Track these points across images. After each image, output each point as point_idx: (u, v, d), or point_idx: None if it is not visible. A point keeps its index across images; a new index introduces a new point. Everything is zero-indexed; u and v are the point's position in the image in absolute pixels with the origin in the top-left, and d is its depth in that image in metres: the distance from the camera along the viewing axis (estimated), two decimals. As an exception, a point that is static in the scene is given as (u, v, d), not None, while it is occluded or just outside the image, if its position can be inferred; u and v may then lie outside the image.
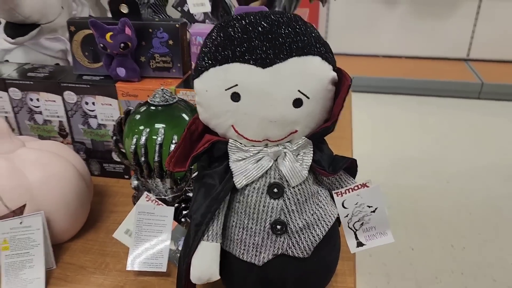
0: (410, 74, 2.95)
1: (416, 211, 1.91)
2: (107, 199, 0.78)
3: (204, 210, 0.49)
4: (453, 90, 2.87)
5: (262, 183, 0.50)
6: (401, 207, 1.92)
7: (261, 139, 0.48)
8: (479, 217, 1.86)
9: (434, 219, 1.86)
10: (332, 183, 0.54)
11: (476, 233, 1.78)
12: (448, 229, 1.80)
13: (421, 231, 1.80)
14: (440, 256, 1.67)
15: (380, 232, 0.55)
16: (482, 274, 1.59)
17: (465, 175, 2.13)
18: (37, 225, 0.61)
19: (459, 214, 1.89)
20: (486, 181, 2.10)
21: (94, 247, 0.67)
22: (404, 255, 1.68)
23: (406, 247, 1.72)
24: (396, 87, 2.90)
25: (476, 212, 1.90)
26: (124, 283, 0.61)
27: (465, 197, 1.99)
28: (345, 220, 0.54)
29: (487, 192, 2.02)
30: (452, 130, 2.55)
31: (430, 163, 2.23)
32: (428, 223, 1.84)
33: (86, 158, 0.82)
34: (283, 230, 0.50)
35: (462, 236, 1.76)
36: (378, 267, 1.63)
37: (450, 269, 1.61)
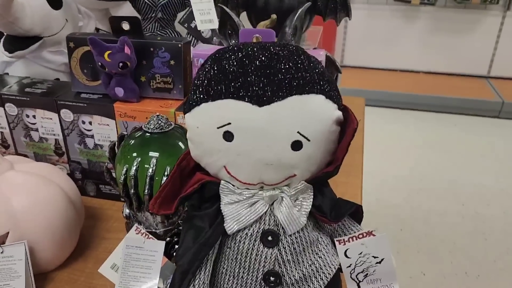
0: (428, 90, 2.88)
1: (429, 235, 1.84)
2: (100, 224, 0.74)
3: (191, 256, 0.45)
4: (472, 108, 2.78)
5: (255, 229, 0.45)
6: (413, 230, 1.86)
7: (255, 182, 0.44)
8: (496, 244, 1.79)
9: (447, 243, 1.79)
10: (334, 229, 0.49)
11: (491, 260, 1.71)
12: (462, 255, 1.73)
13: (434, 255, 1.73)
14: (453, 283, 1.60)
15: (386, 285, 0.50)
16: (497, 306, 1.52)
17: (481, 198, 2.06)
18: (20, 255, 0.58)
19: (474, 240, 1.81)
20: (504, 205, 2.02)
21: (81, 279, 0.64)
22: (415, 281, 1.62)
23: (417, 272, 1.65)
24: (414, 103, 2.83)
25: (492, 238, 1.82)
26: (108, 323, 0.57)
27: (481, 221, 1.92)
28: (348, 270, 0.50)
29: (505, 217, 1.94)
30: (470, 149, 2.47)
31: (445, 184, 2.16)
32: (442, 247, 1.77)
33: (82, 179, 0.79)
34: (277, 282, 0.46)
35: (476, 263, 1.68)
36: (387, 293, 1.56)
37: (463, 298, 1.55)
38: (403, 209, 1.99)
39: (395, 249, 1.75)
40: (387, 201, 2.04)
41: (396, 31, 3.08)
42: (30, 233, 0.59)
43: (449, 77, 3.15)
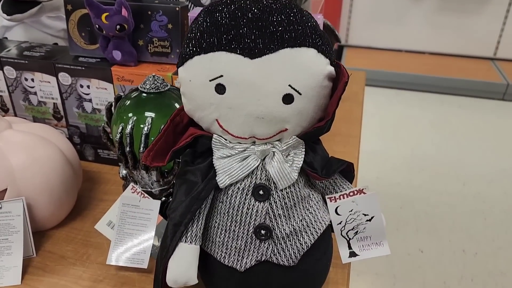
0: (433, 71, 2.85)
1: (428, 213, 1.84)
2: (98, 187, 0.75)
3: (184, 209, 0.46)
4: (477, 89, 2.76)
5: (247, 183, 0.46)
6: (413, 208, 1.86)
7: (247, 136, 0.44)
8: (495, 223, 1.79)
9: (446, 222, 1.80)
10: (326, 187, 0.50)
11: (490, 239, 1.71)
12: (460, 233, 1.74)
13: (432, 233, 1.74)
14: (450, 260, 1.61)
15: (376, 243, 0.51)
16: (493, 282, 1.53)
17: (482, 179, 2.05)
18: (18, 211, 0.59)
19: (474, 219, 1.82)
20: (505, 185, 2.02)
21: (78, 237, 0.65)
22: (413, 258, 1.63)
23: (415, 249, 1.66)
24: (418, 84, 2.81)
25: (492, 217, 1.82)
26: (104, 277, 0.58)
27: (481, 201, 1.92)
28: (338, 227, 0.50)
29: (505, 197, 1.94)
30: (473, 131, 2.46)
31: (447, 164, 2.16)
32: (440, 225, 1.78)
33: (80, 143, 0.80)
34: (267, 235, 0.46)
35: (475, 242, 1.69)
36: (386, 268, 1.58)
37: (460, 274, 1.56)
38: (403, 188, 2.00)
39: (394, 226, 1.77)
40: (388, 179, 2.04)
41: (402, 11, 3.04)
42: (28, 190, 0.60)
43: (454, 58, 3.12)
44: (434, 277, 1.55)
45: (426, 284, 1.53)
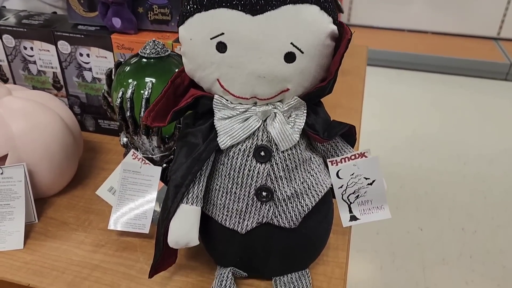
0: (435, 51, 2.82)
1: (428, 192, 1.85)
2: (99, 156, 0.75)
3: (185, 171, 0.46)
4: (480, 69, 2.74)
5: (248, 145, 0.45)
6: (414, 188, 1.87)
7: (248, 96, 0.44)
8: (494, 202, 1.80)
9: (446, 201, 1.80)
10: (327, 150, 0.49)
11: (489, 217, 1.72)
12: (460, 212, 1.74)
13: (432, 212, 1.75)
14: (449, 238, 1.63)
15: (377, 207, 0.51)
16: (492, 259, 1.54)
17: (483, 159, 2.05)
18: (19, 176, 0.59)
19: (473, 198, 1.82)
20: (505, 165, 2.02)
21: (79, 204, 0.65)
22: (412, 235, 1.64)
23: (415, 227, 1.67)
24: (420, 64, 2.79)
25: (492, 196, 1.83)
26: (106, 242, 0.58)
27: (481, 180, 1.92)
28: (339, 191, 0.50)
29: (505, 177, 1.94)
30: (475, 111, 2.45)
31: (448, 144, 2.15)
32: (440, 204, 1.79)
33: (80, 113, 0.79)
34: (268, 197, 0.46)
35: (474, 220, 1.70)
36: (385, 245, 1.59)
37: (459, 252, 1.57)
38: (404, 168, 2.00)
39: (394, 205, 1.77)
40: (389, 159, 2.04)
41: (405, -11, 3.00)
42: (29, 157, 0.60)
43: (457, 38, 3.09)
44: (433, 254, 1.56)
45: (425, 261, 1.54)
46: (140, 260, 0.56)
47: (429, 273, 1.50)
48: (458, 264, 1.52)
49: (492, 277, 1.48)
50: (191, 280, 0.53)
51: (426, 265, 1.53)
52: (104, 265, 0.55)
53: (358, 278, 1.49)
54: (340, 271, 0.55)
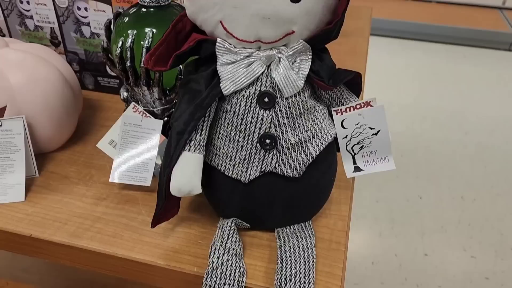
0: (438, 20, 2.78)
1: (429, 161, 1.85)
2: (99, 114, 0.74)
3: (187, 117, 0.45)
4: (483, 39, 2.70)
5: (252, 91, 0.44)
6: (414, 156, 1.87)
7: (252, 39, 0.42)
8: (494, 171, 1.80)
9: (447, 169, 1.81)
10: (332, 99, 0.48)
11: (489, 186, 1.73)
12: (460, 181, 1.75)
13: (432, 180, 1.75)
14: (448, 206, 1.64)
15: (381, 158, 0.50)
16: (490, 226, 1.56)
17: (485, 128, 2.05)
18: (18, 129, 0.58)
19: (474, 167, 1.82)
20: (507, 135, 2.01)
21: (80, 159, 0.64)
22: (411, 203, 1.65)
23: (414, 195, 1.68)
24: (423, 33, 2.75)
25: (492, 165, 1.83)
26: (107, 195, 0.58)
27: (482, 150, 1.92)
28: (344, 142, 0.50)
29: (506, 147, 1.94)
30: (477, 81, 2.43)
31: (449, 113, 2.14)
32: (440, 173, 1.79)
33: (79, 71, 0.78)
34: (272, 145, 0.46)
35: (474, 189, 1.71)
36: (384, 212, 1.60)
37: (457, 219, 1.58)
38: (405, 137, 1.99)
39: (394, 174, 1.78)
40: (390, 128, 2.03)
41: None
42: (28, 109, 0.59)
43: (461, 7, 3.03)
44: (432, 221, 1.58)
45: (423, 228, 1.56)
46: (142, 212, 0.56)
47: (428, 239, 1.52)
48: (457, 231, 1.54)
49: (489, 243, 1.49)
50: (194, 232, 0.53)
51: (425, 232, 1.54)
52: (106, 217, 0.55)
53: (357, 244, 1.51)
54: (342, 223, 0.55)
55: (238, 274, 0.46)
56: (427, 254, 1.47)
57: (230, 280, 0.46)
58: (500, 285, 1.37)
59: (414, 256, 1.46)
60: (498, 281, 1.38)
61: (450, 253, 1.47)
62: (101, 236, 0.52)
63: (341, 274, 0.48)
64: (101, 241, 0.52)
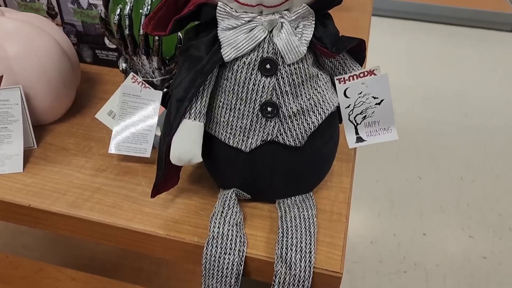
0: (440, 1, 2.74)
1: (429, 142, 1.85)
2: (97, 87, 0.73)
3: (187, 84, 0.44)
4: (485, 20, 2.67)
5: (253, 57, 0.43)
6: (414, 138, 1.87)
7: (254, 3, 0.41)
8: (494, 152, 1.80)
9: (446, 151, 1.81)
10: (335, 67, 0.48)
11: (488, 167, 1.73)
12: (459, 162, 1.75)
13: (432, 161, 1.75)
14: (447, 187, 1.64)
15: (384, 128, 0.50)
16: (489, 207, 1.56)
17: (485, 110, 2.04)
18: (15, 99, 0.57)
19: (473, 148, 1.82)
20: (507, 116, 2.01)
21: (79, 131, 0.64)
22: (411, 184, 1.65)
23: (414, 176, 1.68)
24: (425, 14, 2.71)
25: (491, 147, 1.83)
26: (106, 167, 0.58)
27: (482, 131, 1.92)
28: (346, 111, 0.49)
29: (506, 128, 1.94)
30: (479, 63, 2.41)
31: (450, 95, 2.13)
32: (440, 154, 1.79)
33: (77, 43, 0.77)
34: (274, 113, 0.45)
35: (473, 170, 1.71)
36: (384, 193, 1.61)
37: (456, 200, 1.59)
38: (405, 118, 1.99)
39: (394, 154, 1.78)
40: (390, 109, 2.02)
41: None
42: (25, 79, 0.58)
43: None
44: (431, 202, 1.58)
45: (422, 208, 1.56)
46: (142, 183, 0.55)
47: (426, 219, 1.52)
48: (455, 212, 1.54)
49: (488, 224, 1.50)
50: (194, 203, 0.53)
51: (424, 212, 1.55)
52: (105, 188, 0.55)
53: (356, 223, 1.51)
54: (344, 195, 0.54)
55: (239, 244, 0.46)
56: (426, 233, 1.47)
57: (231, 250, 0.46)
58: (498, 264, 1.38)
59: (413, 236, 1.47)
60: (495, 261, 1.39)
61: (449, 233, 1.48)
62: (100, 206, 0.52)
63: (342, 244, 0.48)
64: (101, 212, 0.51)
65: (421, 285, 1.32)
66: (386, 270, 1.36)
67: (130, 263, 1.21)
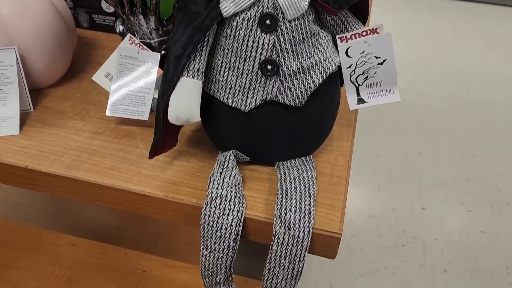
0: (445, -25, 2.69)
1: (429, 118, 1.84)
2: (95, 52, 0.72)
3: (186, 40, 0.43)
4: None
5: (253, 12, 0.42)
6: (415, 113, 1.85)
7: (254, -46, 0.40)
8: (495, 128, 1.79)
9: (447, 126, 1.80)
10: (337, 25, 0.46)
11: (488, 143, 1.72)
12: (460, 137, 1.74)
13: (432, 137, 1.74)
14: (447, 162, 1.64)
15: (386, 90, 0.49)
16: (488, 182, 1.56)
17: (487, 85, 2.02)
18: (10, 61, 0.56)
19: (474, 124, 1.81)
20: (509, 93, 1.99)
21: (76, 95, 0.63)
22: (410, 159, 1.65)
23: (414, 151, 1.68)
24: (428, -11, 2.66)
25: (492, 122, 1.82)
26: (104, 130, 0.57)
27: (483, 107, 1.90)
28: (348, 71, 0.48)
29: (508, 103, 1.92)
30: (483, 38, 2.38)
31: (452, 70, 2.11)
32: (440, 130, 1.78)
33: (73, 7, 0.75)
34: (274, 71, 0.44)
35: (473, 145, 1.71)
36: (383, 168, 1.61)
37: (456, 175, 1.59)
38: (406, 93, 1.97)
39: (394, 130, 1.77)
40: (391, 84, 2.01)
41: None
42: (19, 40, 0.56)
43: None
44: (430, 177, 1.58)
45: (421, 183, 1.56)
46: (140, 146, 0.55)
47: (425, 194, 1.52)
48: (454, 187, 1.54)
49: (486, 198, 1.50)
50: (192, 165, 0.52)
51: (423, 186, 1.55)
52: (103, 150, 0.54)
53: (355, 198, 1.52)
54: (344, 159, 0.54)
55: (238, 205, 0.46)
56: (424, 208, 1.48)
57: (230, 210, 0.45)
58: (495, 238, 1.39)
59: (412, 210, 1.47)
60: (493, 235, 1.40)
61: (447, 207, 1.48)
62: (98, 168, 0.51)
63: (342, 206, 0.48)
64: (99, 173, 0.51)
65: (419, 258, 1.33)
66: (384, 244, 1.37)
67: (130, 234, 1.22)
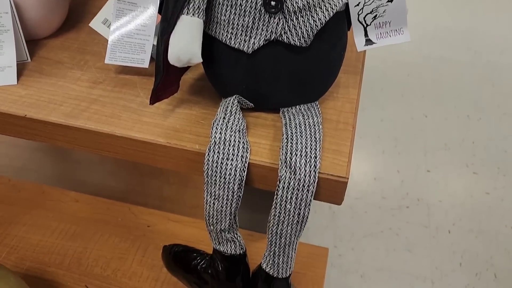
0: None
1: (436, 80, 1.81)
2: (92, 2, 0.69)
3: (184, -25, 0.41)
4: (500, -45, 2.53)
5: None
6: (421, 76, 1.82)
7: None
8: (502, 91, 1.76)
9: (454, 89, 1.77)
10: (344, -41, 0.44)
11: (495, 105, 1.70)
12: (467, 100, 1.72)
13: (438, 99, 1.72)
14: (453, 125, 1.62)
15: (395, 30, 0.47)
16: (494, 145, 1.55)
17: (495, 48, 1.98)
18: (5, 8, 0.54)
19: (481, 86, 1.78)
20: (518, 56, 1.95)
21: (74, 45, 0.61)
22: (416, 122, 1.63)
23: (419, 114, 1.66)
24: (436, -51, 2.57)
25: (500, 85, 1.79)
26: (104, 79, 0.55)
27: (491, 69, 1.87)
28: (355, 10, 0.46)
29: (516, 66, 1.89)
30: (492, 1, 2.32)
31: (460, 33, 2.06)
32: (447, 92, 1.75)
33: (68, -43, 0.72)
34: (278, 7, 0.42)
35: (480, 108, 1.68)
36: (388, 131, 1.59)
37: (462, 137, 1.57)
38: (413, 56, 1.93)
39: (399, 93, 1.74)
40: (397, 47, 1.96)
41: None
42: (13, -14, 0.54)
43: None
44: (436, 139, 1.57)
45: (427, 146, 1.55)
46: (140, 95, 0.53)
47: (431, 157, 1.51)
48: (460, 149, 1.53)
49: (492, 160, 1.49)
50: (194, 113, 0.51)
51: (428, 149, 1.53)
52: (103, 99, 0.53)
53: (359, 161, 1.51)
54: (350, 105, 0.52)
55: (242, 150, 0.45)
56: (430, 170, 1.47)
57: (233, 156, 0.44)
58: (500, 199, 1.39)
59: (416, 173, 1.47)
60: (498, 196, 1.40)
61: (452, 169, 1.47)
62: (98, 116, 0.50)
63: (349, 151, 0.47)
64: (99, 121, 0.50)
65: (423, 219, 1.33)
66: (389, 206, 1.37)
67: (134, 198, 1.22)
